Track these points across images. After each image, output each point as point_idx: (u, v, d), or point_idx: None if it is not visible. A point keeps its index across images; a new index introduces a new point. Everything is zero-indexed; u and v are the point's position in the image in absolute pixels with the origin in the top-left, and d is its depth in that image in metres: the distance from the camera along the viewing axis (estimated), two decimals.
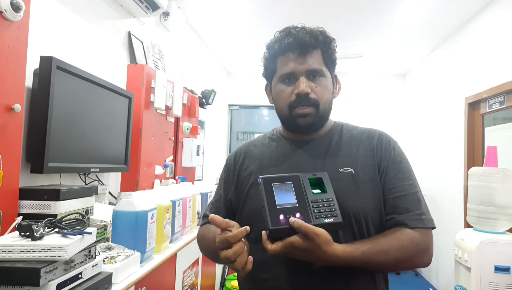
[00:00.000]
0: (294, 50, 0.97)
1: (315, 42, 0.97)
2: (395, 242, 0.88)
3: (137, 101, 2.31)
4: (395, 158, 0.99)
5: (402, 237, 0.89)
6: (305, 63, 0.97)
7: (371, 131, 1.05)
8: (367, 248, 0.85)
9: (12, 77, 1.30)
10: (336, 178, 0.94)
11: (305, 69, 0.97)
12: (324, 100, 0.99)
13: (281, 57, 1.00)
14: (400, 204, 0.93)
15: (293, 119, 0.99)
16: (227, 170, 1.12)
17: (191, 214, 2.25)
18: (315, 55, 0.98)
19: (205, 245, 1.08)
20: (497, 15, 2.97)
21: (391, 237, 0.89)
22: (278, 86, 1.01)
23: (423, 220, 0.92)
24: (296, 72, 0.97)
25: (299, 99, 0.96)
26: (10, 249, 0.95)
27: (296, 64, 0.97)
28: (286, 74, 0.99)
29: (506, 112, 2.95)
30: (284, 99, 1.00)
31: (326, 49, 1.00)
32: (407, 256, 0.89)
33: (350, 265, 0.84)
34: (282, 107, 1.01)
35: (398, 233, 0.90)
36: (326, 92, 0.99)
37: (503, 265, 2.30)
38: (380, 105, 5.46)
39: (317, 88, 0.97)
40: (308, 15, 3.43)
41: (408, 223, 0.91)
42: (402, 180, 0.97)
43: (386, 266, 0.91)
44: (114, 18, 2.34)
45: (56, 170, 1.58)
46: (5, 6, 1.24)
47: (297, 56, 0.97)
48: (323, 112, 0.99)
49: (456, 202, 3.58)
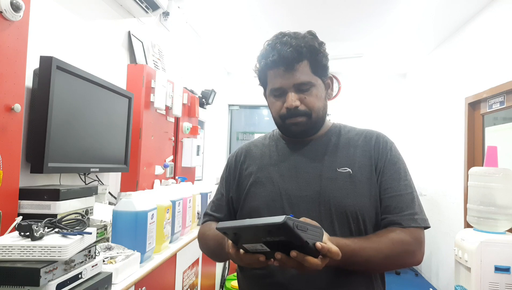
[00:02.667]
0: (279, 66, 0.98)
1: (298, 56, 0.97)
2: (386, 239, 0.92)
3: (137, 101, 2.31)
4: (392, 159, 1.02)
5: (393, 235, 0.92)
6: (291, 78, 0.98)
7: (369, 132, 1.07)
8: (358, 240, 0.90)
9: (12, 77, 1.30)
10: (334, 178, 0.98)
11: (292, 83, 0.98)
12: (316, 109, 1.01)
13: (269, 71, 1.02)
14: (395, 204, 0.96)
15: (287, 127, 1.03)
16: (228, 169, 1.14)
17: (191, 214, 2.25)
18: (301, 68, 0.98)
19: (206, 244, 1.10)
20: (497, 15, 2.97)
21: (383, 235, 0.93)
22: (270, 99, 1.05)
23: (416, 219, 0.95)
24: (284, 87, 0.99)
25: (289, 112, 0.99)
26: (10, 249, 0.95)
27: (283, 80, 0.99)
28: (275, 89, 1.01)
29: (506, 112, 2.95)
30: (275, 111, 1.03)
31: (313, 58, 1.00)
32: (396, 253, 0.92)
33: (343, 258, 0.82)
34: (275, 117, 1.05)
35: (390, 231, 0.93)
36: (317, 101, 1.01)
37: (503, 265, 2.30)
38: (380, 105, 5.46)
39: (306, 99, 0.99)
40: (308, 16, 3.43)
41: (402, 222, 0.94)
42: (398, 180, 0.99)
43: (377, 262, 0.92)
44: (114, 18, 2.34)
45: (56, 170, 1.58)
46: (5, 6, 1.24)
47: (283, 72, 0.98)
48: (316, 119, 1.02)
49: (456, 202, 3.58)
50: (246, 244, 0.79)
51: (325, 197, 0.96)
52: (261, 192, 1.02)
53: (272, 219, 0.72)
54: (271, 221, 0.72)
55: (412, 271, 4.73)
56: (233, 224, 0.77)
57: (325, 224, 0.93)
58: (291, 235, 0.72)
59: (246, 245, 0.79)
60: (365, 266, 0.92)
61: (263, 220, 0.73)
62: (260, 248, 0.77)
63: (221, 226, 0.79)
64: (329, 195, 0.96)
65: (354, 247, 0.86)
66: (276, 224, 0.70)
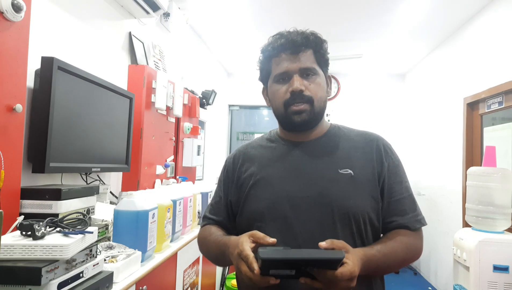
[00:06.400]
0: (286, 50, 1.00)
1: (306, 42, 1.00)
2: (400, 244, 0.96)
3: (138, 102, 2.32)
4: (394, 162, 1.04)
5: (405, 239, 0.97)
6: (298, 62, 0.99)
7: (368, 134, 1.08)
8: (380, 248, 0.92)
9: (13, 77, 1.31)
10: (336, 179, 0.98)
11: (298, 67, 0.99)
12: (319, 97, 1.01)
13: (275, 58, 1.02)
14: (400, 207, 1.00)
15: (289, 116, 1.01)
16: (226, 172, 1.13)
17: (191, 213, 2.26)
18: (307, 54, 1.01)
19: (207, 249, 1.09)
20: (496, 16, 2.98)
21: (396, 239, 0.97)
22: (273, 86, 1.04)
23: (420, 220, 1.01)
24: (290, 71, 1.00)
25: (294, 96, 0.99)
26: (11, 249, 0.96)
27: (289, 63, 1.00)
28: (280, 74, 1.01)
29: (504, 112, 2.95)
30: (279, 98, 1.02)
31: (318, 49, 1.02)
32: (410, 256, 0.97)
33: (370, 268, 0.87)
34: (278, 105, 1.03)
35: (401, 235, 0.98)
36: (320, 90, 1.02)
37: (501, 264, 2.30)
38: (379, 105, 5.46)
39: (311, 85, 1.00)
40: (308, 16, 3.44)
41: (410, 225, 0.99)
42: (400, 183, 1.02)
43: (394, 266, 0.97)
44: (115, 18, 2.34)
45: (58, 170, 1.59)
46: (6, 7, 1.25)
47: (290, 56, 1.00)
48: (318, 109, 1.01)
49: (455, 202, 3.59)
50: (278, 269, 0.75)
51: (326, 199, 0.95)
52: (262, 194, 1.01)
53: (332, 255, 0.73)
54: (332, 257, 0.72)
55: (411, 270, 4.74)
56: (282, 256, 0.72)
57: (327, 225, 0.93)
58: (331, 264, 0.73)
59: (277, 270, 0.75)
60: (384, 271, 0.96)
61: (321, 254, 0.73)
62: (288, 272, 0.75)
63: (267, 256, 0.71)
64: (330, 196, 0.96)
65: (379, 257, 0.90)
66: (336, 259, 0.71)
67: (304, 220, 0.95)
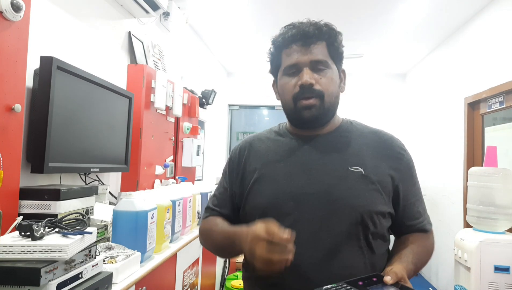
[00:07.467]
0: (297, 41, 0.96)
1: (319, 33, 0.96)
2: (423, 249, 0.98)
3: (137, 101, 2.31)
4: (409, 164, 1.03)
5: (426, 243, 1.00)
6: (308, 54, 0.95)
7: (383, 133, 1.05)
8: (412, 257, 0.92)
9: (12, 77, 1.31)
10: (345, 176, 0.94)
11: (309, 60, 0.95)
12: (330, 92, 0.96)
13: (285, 49, 0.98)
14: (415, 209, 1.01)
15: (298, 111, 0.97)
16: (232, 164, 1.10)
17: (191, 214, 2.25)
18: (319, 46, 0.96)
19: (211, 239, 1.06)
20: (496, 16, 2.97)
21: (419, 244, 0.98)
22: (283, 79, 1.00)
23: (429, 222, 1.04)
24: (300, 63, 0.95)
25: (303, 90, 0.95)
26: (10, 249, 0.95)
27: (299, 55, 0.95)
28: (290, 66, 0.97)
29: (505, 112, 2.95)
30: (288, 91, 0.98)
31: (331, 41, 0.98)
32: (429, 257, 1.01)
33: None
34: (287, 99, 0.99)
35: (422, 239, 1.00)
36: (332, 85, 0.97)
37: (502, 265, 2.30)
38: (380, 105, 5.46)
39: (321, 79, 0.95)
40: (308, 16, 3.42)
41: (426, 228, 1.02)
42: (414, 185, 1.03)
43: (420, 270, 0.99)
44: (115, 18, 2.34)
45: (57, 170, 1.58)
46: (5, 6, 1.24)
47: (301, 47, 0.96)
48: (329, 104, 0.97)
49: (456, 202, 3.58)
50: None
51: (334, 196, 0.92)
52: (265, 190, 0.97)
53: None
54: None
55: None
56: None
57: (332, 223, 0.91)
58: None
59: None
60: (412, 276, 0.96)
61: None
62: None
63: None
64: (338, 194, 0.92)
65: (413, 267, 0.90)
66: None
67: (309, 218, 0.91)
